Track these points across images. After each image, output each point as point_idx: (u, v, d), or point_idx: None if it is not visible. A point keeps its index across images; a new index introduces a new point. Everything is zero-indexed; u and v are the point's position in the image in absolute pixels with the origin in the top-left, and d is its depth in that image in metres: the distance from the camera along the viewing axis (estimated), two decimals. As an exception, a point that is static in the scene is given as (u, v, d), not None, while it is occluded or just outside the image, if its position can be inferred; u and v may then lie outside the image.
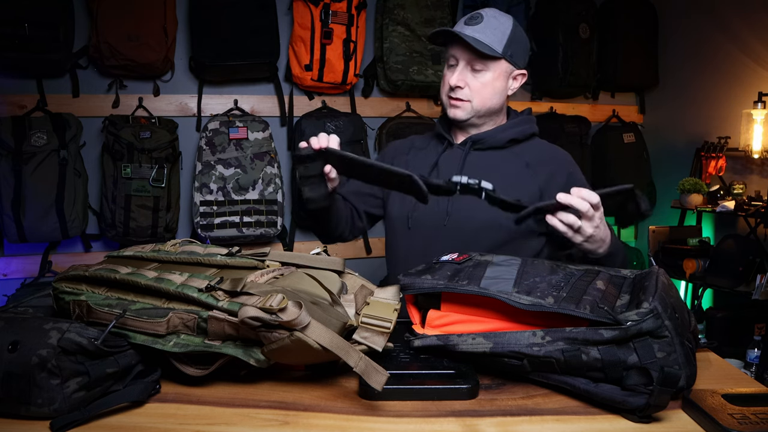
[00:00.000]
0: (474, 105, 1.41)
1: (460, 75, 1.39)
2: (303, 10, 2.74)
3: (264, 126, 2.74)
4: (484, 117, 1.45)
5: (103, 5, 2.47)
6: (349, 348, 0.81)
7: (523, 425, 0.80)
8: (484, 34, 1.35)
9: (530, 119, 1.51)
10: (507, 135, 1.45)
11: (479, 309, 0.96)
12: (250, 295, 0.85)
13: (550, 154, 1.48)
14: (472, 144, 1.46)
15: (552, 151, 1.49)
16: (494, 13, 1.39)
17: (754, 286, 2.34)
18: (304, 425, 0.80)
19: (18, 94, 2.58)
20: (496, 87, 1.41)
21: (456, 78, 1.39)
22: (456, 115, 1.43)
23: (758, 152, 2.67)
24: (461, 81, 1.39)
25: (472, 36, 1.34)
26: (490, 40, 1.36)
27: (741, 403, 0.79)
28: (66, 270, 0.97)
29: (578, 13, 3.13)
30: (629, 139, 3.32)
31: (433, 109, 3.16)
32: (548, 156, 1.47)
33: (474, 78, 1.40)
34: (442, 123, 1.54)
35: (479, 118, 1.44)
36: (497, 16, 1.39)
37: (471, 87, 1.40)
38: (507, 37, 1.38)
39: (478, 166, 1.44)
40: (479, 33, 1.35)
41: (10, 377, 0.77)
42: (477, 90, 1.40)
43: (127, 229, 2.53)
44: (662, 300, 0.82)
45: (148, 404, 0.85)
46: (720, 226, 3.01)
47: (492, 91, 1.41)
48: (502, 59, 1.39)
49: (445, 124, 1.53)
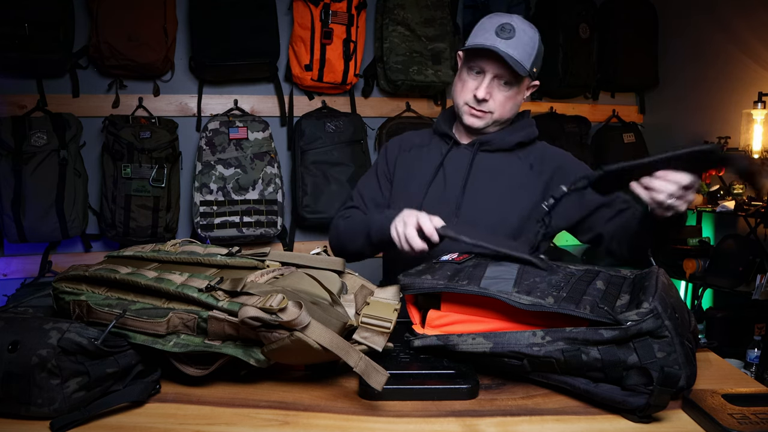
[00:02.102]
0: (494, 116, 1.41)
1: (488, 88, 1.37)
2: (303, 10, 2.74)
3: (264, 126, 2.74)
4: (498, 126, 1.45)
5: (103, 5, 2.47)
6: (349, 348, 0.81)
7: (523, 425, 0.80)
8: (517, 51, 1.33)
9: (532, 122, 1.51)
10: (515, 138, 1.45)
11: (479, 309, 0.96)
12: (250, 295, 0.85)
13: (552, 154, 1.48)
14: (480, 145, 1.45)
15: (553, 151, 1.49)
16: (524, 26, 1.36)
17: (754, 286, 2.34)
18: (304, 425, 0.80)
19: (18, 94, 2.58)
20: (517, 100, 1.42)
21: (484, 90, 1.36)
22: (474, 124, 1.42)
23: (758, 152, 2.67)
24: (488, 94, 1.37)
25: (506, 52, 1.31)
26: (521, 56, 1.33)
27: (741, 403, 0.79)
28: (66, 270, 0.97)
29: (578, 13, 3.13)
30: (629, 139, 3.32)
31: (433, 109, 3.16)
32: (549, 155, 1.47)
33: (500, 92, 1.38)
34: (444, 119, 1.53)
35: (493, 126, 1.44)
36: (526, 29, 1.36)
37: (495, 100, 1.38)
38: (535, 51, 1.37)
39: (486, 168, 1.44)
40: (513, 49, 1.32)
41: (10, 377, 0.77)
42: (501, 103, 1.39)
43: (127, 229, 2.53)
44: (662, 300, 0.82)
45: (148, 404, 0.85)
46: (720, 226, 3.01)
47: (514, 104, 1.41)
48: (528, 77, 1.39)
49: (448, 122, 1.52)
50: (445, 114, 1.54)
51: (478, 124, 1.42)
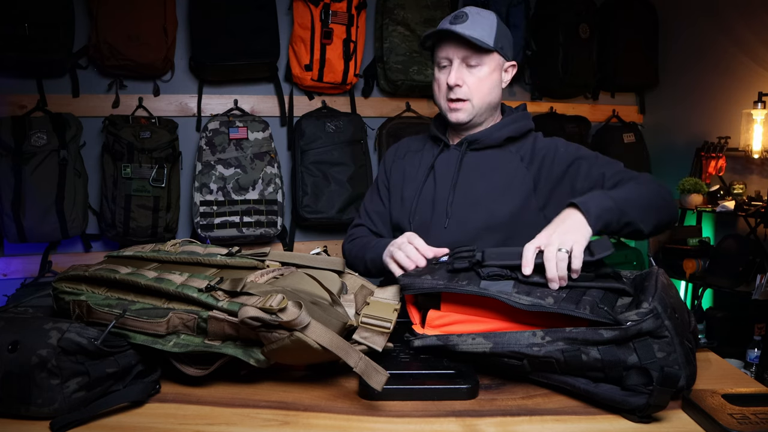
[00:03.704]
0: (474, 103, 1.40)
1: (457, 73, 1.38)
2: (303, 10, 2.74)
3: (264, 126, 2.74)
4: (484, 114, 1.44)
5: (103, 5, 2.47)
6: (349, 348, 0.81)
7: (523, 425, 0.80)
8: (474, 30, 1.35)
9: (525, 115, 1.49)
10: (503, 133, 1.44)
11: (479, 309, 0.96)
12: (250, 295, 0.85)
13: (541, 145, 1.45)
14: (468, 145, 1.45)
15: (543, 142, 1.46)
16: (477, 10, 1.39)
17: (754, 286, 2.34)
18: (304, 425, 0.80)
19: (18, 94, 2.58)
20: (493, 80, 1.41)
21: (454, 76, 1.38)
22: (458, 119, 1.42)
23: (758, 152, 2.67)
24: (459, 79, 1.38)
25: (463, 33, 1.34)
26: (480, 34, 1.36)
27: (741, 403, 0.79)
28: (66, 270, 0.97)
29: (578, 13, 3.13)
30: (629, 139, 3.32)
31: (432, 109, 3.15)
32: (539, 147, 1.44)
33: (470, 74, 1.39)
34: (436, 124, 1.53)
35: (479, 117, 1.44)
36: (480, 12, 1.39)
37: (469, 84, 1.39)
38: (495, 30, 1.38)
39: (475, 166, 1.44)
40: (469, 30, 1.35)
41: (10, 377, 0.77)
42: (475, 86, 1.39)
43: (127, 229, 2.53)
44: (662, 300, 0.82)
45: (148, 404, 0.85)
46: (720, 226, 3.01)
47: (490, 85, 1.41)
48: (495, 52, 1.39)
49: (441, 126, 1.53)
50: (438, 118, 1.54)
51: (462, 116, 1.42)
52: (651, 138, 3.39)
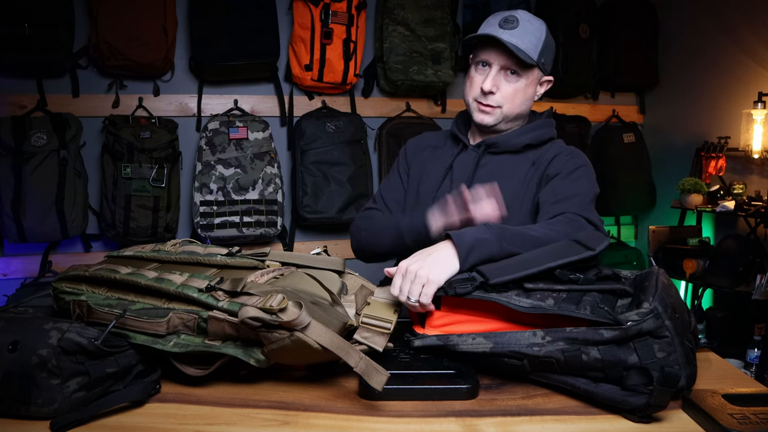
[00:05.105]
0: (504, 111, 1.38)
1: (494, 80, 1.34)
2: (303, 10, 2.74)
3: (264, 126, 2.74)
4: (511, 123, 1.42)
5: (103, 5, 2.47)
6: (349, 348, 0.81)
7: (523, 425, 0.80)
8: (522, 40, 1.31)
9: (549, 122, 1.47)
10: (522, 140, 1.42)
11: (479, 309, 0.96)
12: (250, 296, 0.85)
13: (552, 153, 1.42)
14: (486, 147, 1.44)
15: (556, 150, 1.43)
16: (528, 17, 1.35)
17: (754, 286, 2.34)
18: (304, 425, 0.80)
19: (18, 94, 2.58)
20: (527, 94, 1.38)
21: (490, 83, 1.34)
22: (484, 121, 1.39)
23: (758, 152, 2.67)
24: (495, 86, 1.35)
25: (510, 41, 1.30)
26: (526, 46, 1.31)
27: (741, 403, 0.79)
28: (66, 270, 0.97)
29: (578, 13, 3.13)
30: (629, 139, 3.32)
31: (433, 109, 3.16)
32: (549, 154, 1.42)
33: (507, 83, 1.36)
34: (459, 122, 1.51)
35: (505, 124, 1.42)
36: (531, 20, 1.35)
37: (503, 92, 1.36)
38: (542, 42, 1.34)
39: (491, 170, 1.42)
40: (516, 38, 1.31)
41: (10, 377, 0.77)
42: (509, 96, 1.36)
43: (127, 229, 2.53)
44: (662, 300, 0.82)
45: (148, 404, 0.85)
46: (720, 226, 3.01)
47: (523, 97, 1.38)
48: (536, 67, 1.36)
49: (463, 124, 1.51)
50: (461, 116, 1.53)
51: (488, 120, 1.39)
52: (651, 138, 3.39)
